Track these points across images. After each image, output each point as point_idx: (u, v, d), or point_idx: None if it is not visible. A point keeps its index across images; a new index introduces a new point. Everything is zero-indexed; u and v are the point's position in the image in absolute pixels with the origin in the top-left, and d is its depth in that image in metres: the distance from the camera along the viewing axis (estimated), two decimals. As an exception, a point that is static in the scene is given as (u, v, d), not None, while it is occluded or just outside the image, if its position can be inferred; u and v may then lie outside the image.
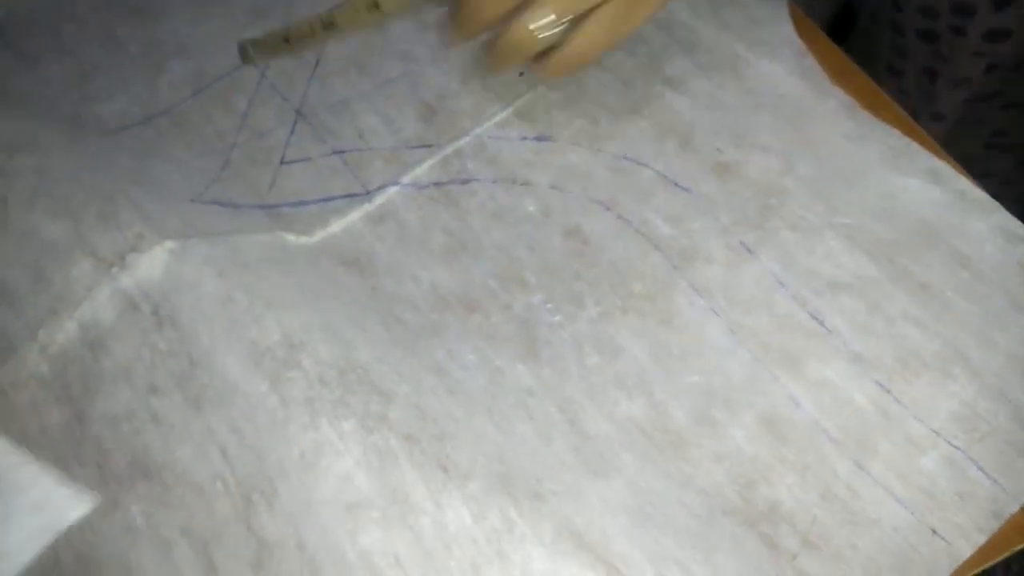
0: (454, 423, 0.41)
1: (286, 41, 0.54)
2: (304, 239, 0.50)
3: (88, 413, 0.42)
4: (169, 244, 0.46)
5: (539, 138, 0.53)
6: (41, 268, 0.45)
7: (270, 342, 0.42)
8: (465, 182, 0.52)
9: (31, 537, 0.42)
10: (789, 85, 0.53)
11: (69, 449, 0.43)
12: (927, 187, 0.48)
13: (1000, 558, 0.40)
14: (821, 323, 0.45)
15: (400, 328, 0.46)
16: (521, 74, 0.55)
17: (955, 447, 0.41)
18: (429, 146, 0.54)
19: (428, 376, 0.44)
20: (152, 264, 0.45)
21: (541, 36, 0.44)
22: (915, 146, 0.49)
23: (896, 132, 0.50)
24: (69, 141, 0.53)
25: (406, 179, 0.52)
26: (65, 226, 0.46)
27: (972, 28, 0.67)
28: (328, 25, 0.53)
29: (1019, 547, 0.40)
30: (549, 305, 0.47)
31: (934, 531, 0.40)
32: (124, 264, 0.45)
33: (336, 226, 0.51)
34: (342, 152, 0.54)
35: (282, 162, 0.55)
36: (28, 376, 0.44)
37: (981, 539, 0.40)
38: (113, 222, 0.46)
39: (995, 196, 0.47)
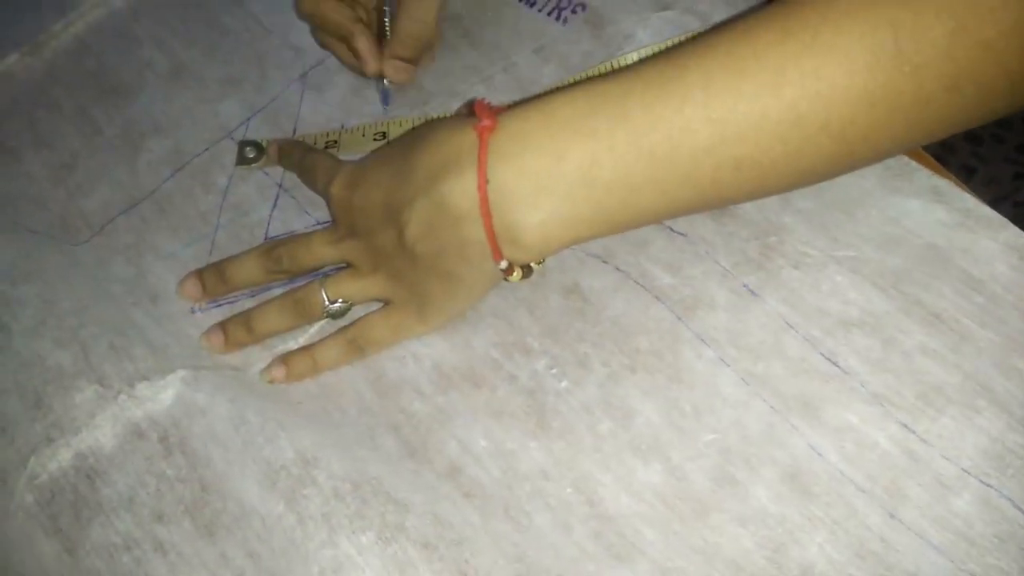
0: (471, 528, 0.40)
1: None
2: (302, 340, 0.49)
3: (80, 544, 0.41)
4: (181, 373, 0.46)
5: (527, 193, 0.51)
6: (41, 395, 0.45)
7: (284, 460, 0.42)
8: (456, 248, 0.50)
9: None
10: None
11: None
12: (930, 207, 0.46)
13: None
14: (836, 364, 0.43)
15: (410, 428, 0.45)
16: None
17: (988, 485, 0.40)
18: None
19: (443, 483, 0.43)
20: (163, 392, 0.45)
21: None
22: (913, 164, 0.48)
23: (893, 153, 0.48)
24: (68, 264, 0.52)
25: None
26: (73, 354, 0.46)
27: (1010, 138, 0.69)
28: (331, 144, 0.55)
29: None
30: (555, 370, 0.46)
31: (975, 576, 0.39)
32: (133, 392, 0.45)
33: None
34: (327, 222, 0.53)
35: (266, 238, 0.54)
36: (16, 507, 0.43)
37: (1024, 581, 0.38)
38: (125, 354, 0.46)
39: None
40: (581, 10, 0.56)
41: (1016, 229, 0.45)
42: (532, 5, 0.57)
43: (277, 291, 0.51)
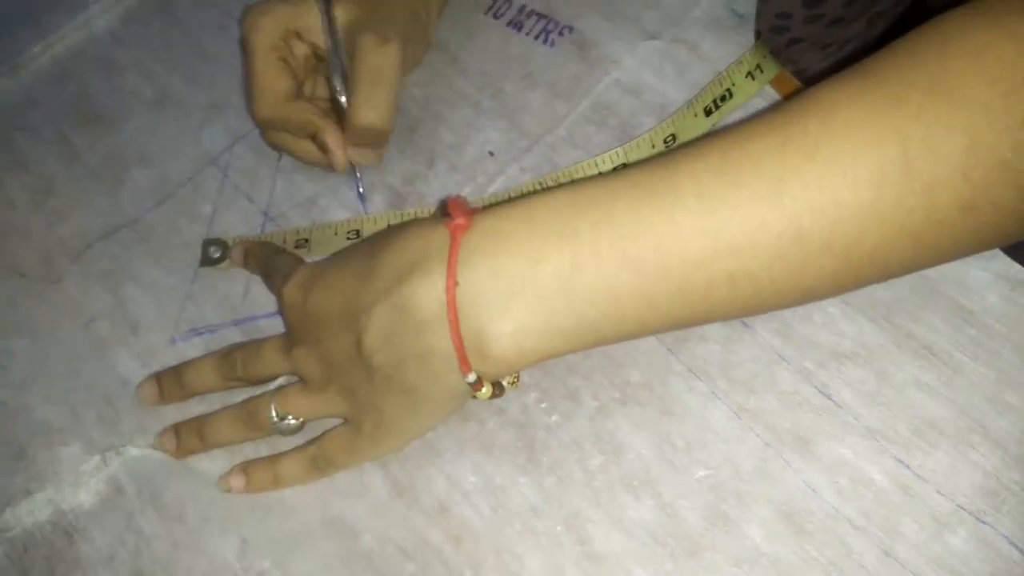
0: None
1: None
2: (282, 379, 0.48)
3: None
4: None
5: (515, 222, 0.51)
6: (24, 447, 0.44)
7: (273, 534, 0.42)
8: (444, 278, 0.50)
9: None
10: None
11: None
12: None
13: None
14: (829, 397, 0.43)
15: (397, 464, 0.44)
16: (491, 153, 0.53)
17: (983, 522, 0.39)
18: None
19: (433, 530, 0.42)
20: (144, 454, 0.44)
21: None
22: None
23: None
24: (54, 312, 0.52)
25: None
26: (61, 412, 0.46)
27: None
28: (301, 243, 0.52)
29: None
30: (544, 404, 0.45)
31: (971, 615, 0.38)
32: (119, 451, 0.44)
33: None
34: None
35: (254, 268, 0.53)
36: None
37: (1021, 618, 0.38)
38: (112, 426, 0.46)
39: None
40: (568, 32, 0.56)
41: (1006, 258, 0.44)
42: (519, 29, 0.57)
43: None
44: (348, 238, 0.52)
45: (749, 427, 0.43)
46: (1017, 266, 0.44)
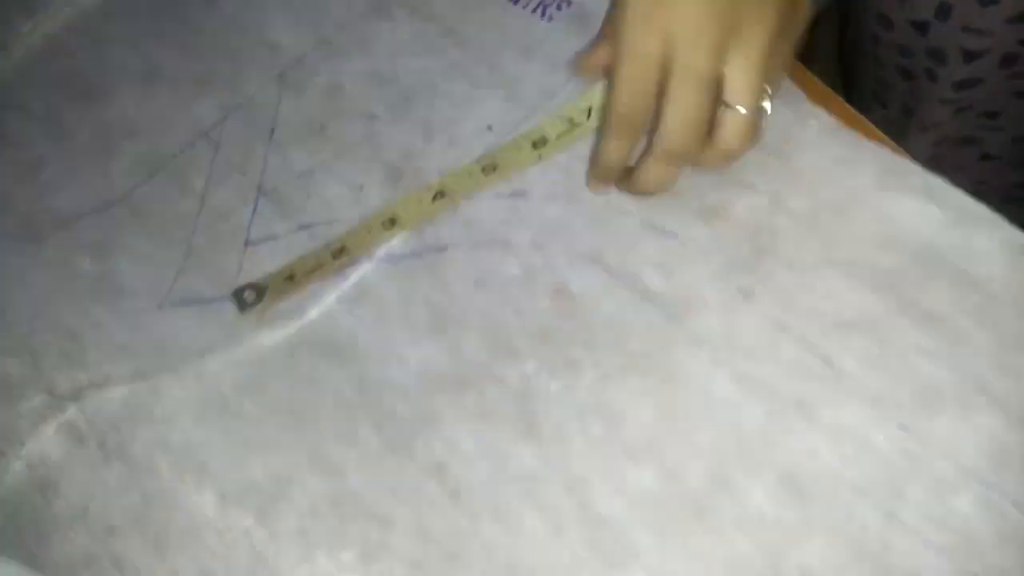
0: (460, 539, 0.39)
1: (290, 279, 0.50)
2: (280, 332, 0.47)
3: (45, 563, 0.39)
4: (138, 377, 0.45)
5: (514, 194, 0.50)
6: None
7: (255, 479, 0.40)
8: (442, 250, 0.49)
9: None
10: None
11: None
12: (924, 206, 0.46)
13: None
14: (831, 365, 0.42)
15: (393, 426, 0.44)
16: (489, 127, 0.53)
17: (987, 484, 0.39)
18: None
19: (428, 482, 0.41)
20: (108, 397, 0.43)
21: None
22: (907, 163, 0.47)
23: (886, 150, 0.48)
24: (28, 265, 0.50)
25: (380, 253, 0.49)
26: (22, 363, 0.44)
27: (944, 76, 0.66)
28: (339, 252, 0.50)
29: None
30: (544, 373, 0.45)
31: (976, 577, 0.38)
32: (79, 398, 0.43)
33: (312, 312, 0.48)
34: (309, 227, 0.52)
35: (247, 243, 0.52)
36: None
37: (1026, 580, 0.38)
38: (78, 360, 0.44)
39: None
40: (566, 6, 0.55)
41: (1011, 227, 0.44)
42: (516, 2, 0.56)
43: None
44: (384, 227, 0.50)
45: (751, 393, 0.42)
46: (1022, 234, 0.44)
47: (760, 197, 0.47)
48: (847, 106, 0.51)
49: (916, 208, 0.46)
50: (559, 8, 0.56)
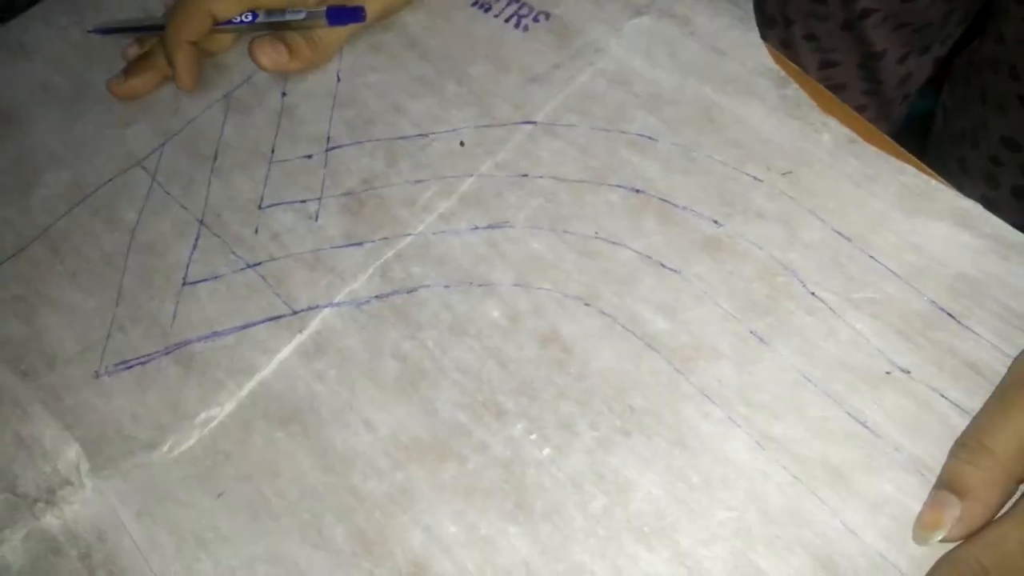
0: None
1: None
2: (229, 398, 0.41)
3: None
4: (100, 474, 0.40)
5: (492, 226, 0.44)
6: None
7: None
8: (412, 291, 0.43)
9: None
10: (773, 124, 0.45)
11: None
12: (957, 232, 0.41)
13: None
14: (864, 424, 0.37)
15: (363, 515, 0.38)
16: (462, 143, 0.46)
17: (1050, 564, 0.34)
18: (359, 243, 0.45)
19: None
20: (85, 500, 0.37)
21: None
22: (934, 183, 0.42)
23: (909, 168, 0.43)
24: None
25: (340, 296, 0.43)
26: None
27: None
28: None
29: None
30: (534, 436, 0.39)
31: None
32: (53, 500, 0.37)
33: (265, 370, 0.42)
34: (257, 264, 0.45)
35: (184, 283, 0.46)
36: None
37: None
38: (38, 449, 0.38)
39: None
40: (544, 19, 0.50)
41: (1055, 258, 0.39)
42: (487, 10, 0.50)
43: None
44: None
45: (775, 459, 0.37)
46: (1066, 265, 0.39)
47: (772, 226, 0.42)
48: (858, 116, 0.45)
49: (947, 234, 0.41)
50: (536, 20, 0.50)
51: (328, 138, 0.48)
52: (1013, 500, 0.34)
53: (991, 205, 0.41)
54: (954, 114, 0.75)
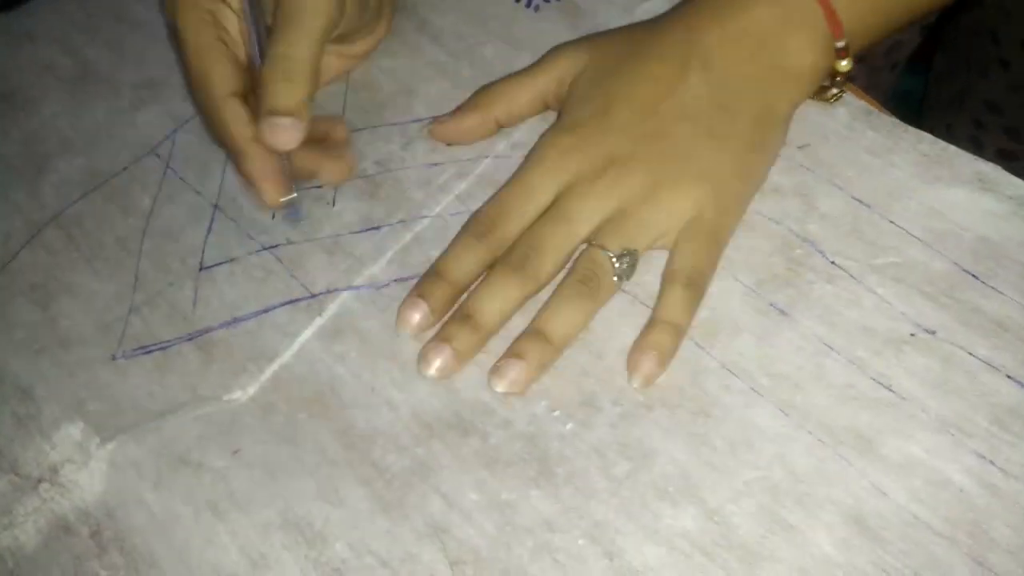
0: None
1: None
2: (252, 382, 0.41)
3: None
4: (109, 446, 0.39)
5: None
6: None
7: (230, 560, 0.34)
8: (430, 271, 0.43)
9: None
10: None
11: None
12: (977, 197, 0.41)
13: None
14: (890, 388, 0.37)
15: (383, 483, 0.38)
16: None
17: (1086, 520, 0.34)
18: (377, 227, 0.45)
19: (425, 548, 0.35)
20: (92, 478, 0.37)
21: None
22: (953, 149, 0.42)
23: (927, 136, 0.43)
24: None
25: (360, 280, 0.43)
26: None
27: None
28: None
29: None
30: (556, 412, 0.39)
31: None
32: (57, 480, 0.37)
33: (286, 354, 0.41)
34: (274, 247, 0.45)
35: (201, 268, 0.45)
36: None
37: None
38: (36, 427, 0.38)
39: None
40: (556, -1, 0.50)
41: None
42: (497, -8, 0.51)
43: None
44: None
45: (800, 424, 0.37)
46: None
47: (789, 201, 0.42)
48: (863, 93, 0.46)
49: (969, 199, 0.41)
50: (548, 0, 0.50)
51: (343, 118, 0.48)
52: None
53: None
54: (943, 81, 0.76)
